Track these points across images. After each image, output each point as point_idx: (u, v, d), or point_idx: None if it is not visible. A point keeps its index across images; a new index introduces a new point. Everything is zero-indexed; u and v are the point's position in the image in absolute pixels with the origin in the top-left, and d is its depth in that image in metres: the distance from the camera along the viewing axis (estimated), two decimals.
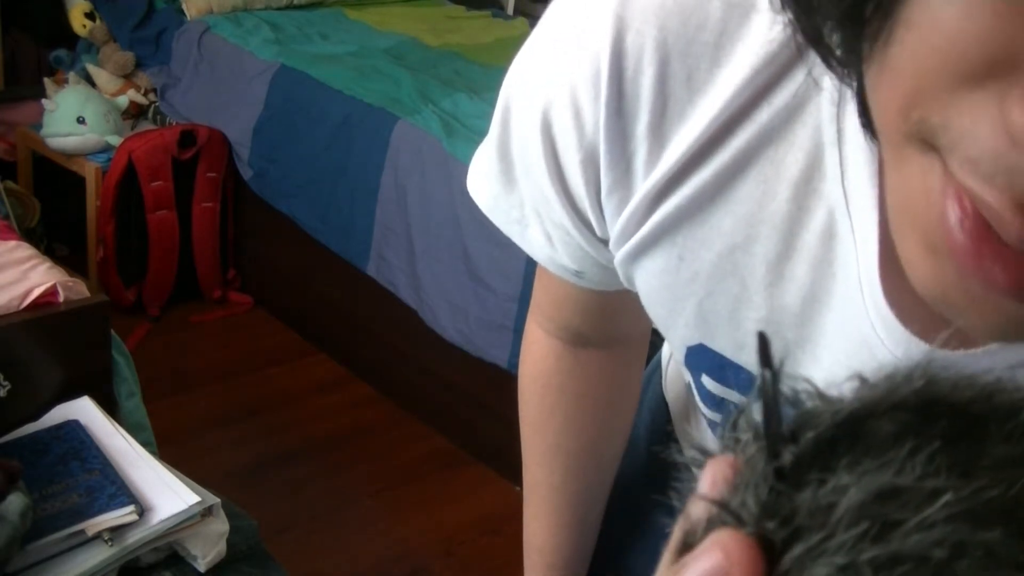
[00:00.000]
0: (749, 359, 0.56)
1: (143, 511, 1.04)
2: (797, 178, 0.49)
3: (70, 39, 3.07)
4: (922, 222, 0.33)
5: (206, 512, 1.07)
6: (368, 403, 2.56)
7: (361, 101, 2.52)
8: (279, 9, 3.13)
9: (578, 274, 0.65)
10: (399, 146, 2.40)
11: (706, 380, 0.60)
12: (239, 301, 2.92)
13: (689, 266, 0.54)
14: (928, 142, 0.32)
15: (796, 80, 0.47)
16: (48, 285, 1.33)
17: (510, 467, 2.34)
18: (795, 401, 0.27)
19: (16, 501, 0.97)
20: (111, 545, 1.01)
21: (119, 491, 1.06)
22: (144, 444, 1.20)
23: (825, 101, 0.47)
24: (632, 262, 0.56)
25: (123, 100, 2.88)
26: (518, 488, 0.90)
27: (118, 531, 1.02)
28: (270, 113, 2.70)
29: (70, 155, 2.71)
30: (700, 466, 0.28)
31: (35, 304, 1.31)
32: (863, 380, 0.27)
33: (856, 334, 0.49)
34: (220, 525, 1.08)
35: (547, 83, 0.54)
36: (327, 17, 3.16)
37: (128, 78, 3.01)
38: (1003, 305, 0.33)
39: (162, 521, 1.04)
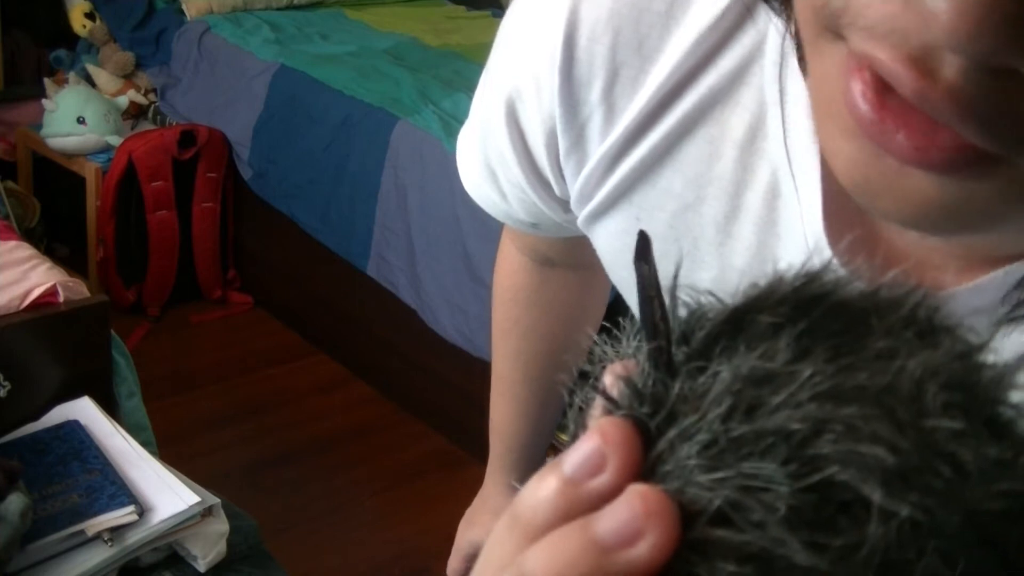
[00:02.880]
0: None
1: (143, 511, 1.04)
2: (741, 138, 0.50)
3: (70, 39, 3.07)
4: (836, 108, 0.34)
5: (206, 512, 1.07)
6: (368, 403, 2.56)
7: (361, 101, 2.52)
8: (279, 9, 3.13)
9: (534, 226, 0.69)
10: (399, 146, 2.40)
11: None
12: (239, 301, 2.92)
13: (646, 225, 0.55)
14: (835, 31, 0.34)
15: (742, 44, 0.49)
16: (48, 285, 1.33)
17: None
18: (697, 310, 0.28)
19: (16, 501, 0.97)
20: (111, 545, 1.01)
21: (119, 491, 1.06)
22: (144, 444, 1.20)
23: (768, 63, 0.49)
24: (593, 223, 0.58)
25: (123, 100, 2.88)
26: (518, 488, 0.93)
27: (118, 531, 1.02)
28: (270, 113, 2.71)
29: (70, 155, 2.71)
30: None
31: (35, 304, 1.31)
32: (753, 284, 0.27)
33: None
34: (220, 525, 1.08)
35: (513, 54, 0.58)
36: (327, 17, 3.16)
37: (128, 78, 3.01)
38: (919, 184, 0.33)
39: (162, 521, 1.04)
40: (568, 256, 0.79)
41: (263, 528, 1.16)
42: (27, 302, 1.30)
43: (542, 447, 0.95)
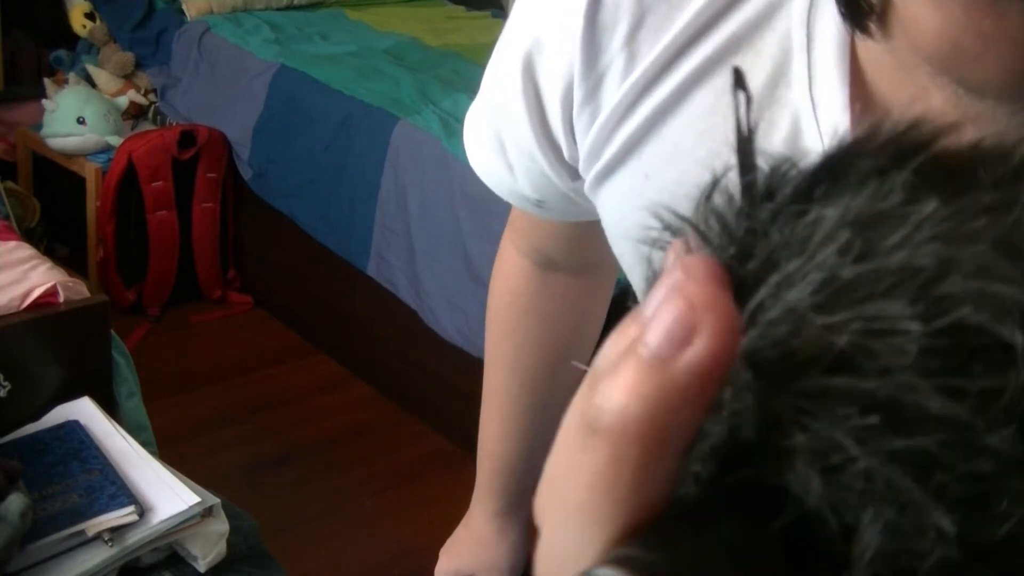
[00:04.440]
0: None
1: (143, 511, 1.04)
2: (762, 87, 0.49)
3: (70, 39, 3.07)
4: None
5: (206, 512, 1.07)
6: (368, 403, 2.56)
7: (361, 101, 2.52)
8: (279, 9, 3.13)
9: (539, 204, 0.66)
10: (399, 146, 2.40)
11: None
12: (239, 301, 2.92)
13: (654, 184, 0.53)
14: None
15: None
16: (48, 285, 1.33)
17: None
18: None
19: (16, 501, 0.97)
20: (111, 545, 1.01)
21: (119, 491, 1.06)
22: (144, 444, 1.20)
23: (796, 7, 0.47)
24: (601, 185, 0.57)
25: (123, 100, 2.88)
26: (504, 517, 0.93)
27: (118, 531, 1.02)
28: (270, 113, 2.71)
29: (70, 155, 2.71)
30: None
31: (35, 304, 1.31)
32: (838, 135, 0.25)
33: None
34: (220, 525, 1.08)
35: (536, 5, 0.57)
36: (327, 17, 3.16)
37: (128, 78, 3.01)
38: (1018, 38, 0.34)
39: (162, 521, 1.04)
40: (571, 256, 0.77)
41: (263, 528, 1.16)
42: (27, 302, 1.30)
43: (534, 475, 0.87)
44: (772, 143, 0.49)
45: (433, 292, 2.31)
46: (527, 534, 0.93)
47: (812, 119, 0.47)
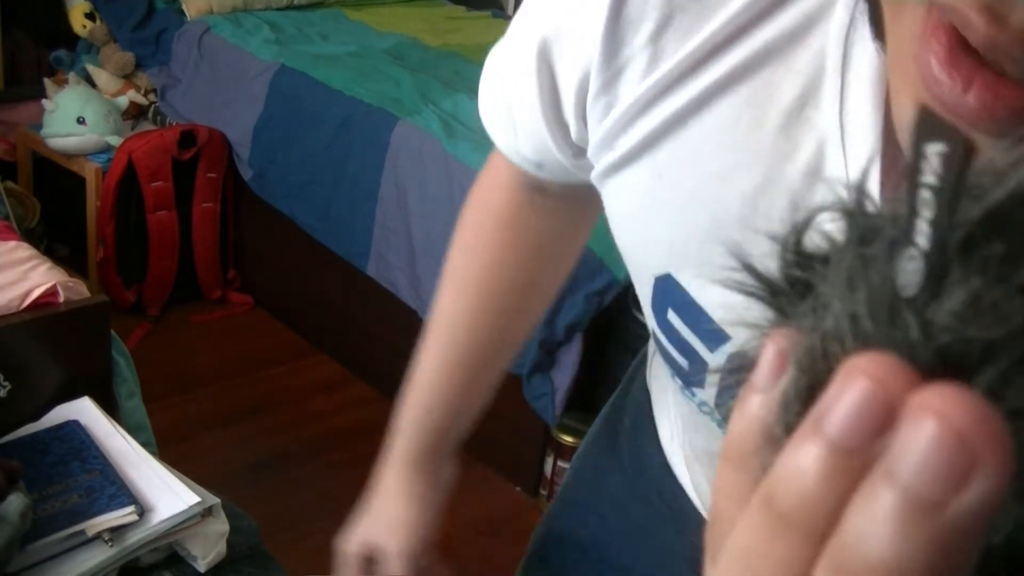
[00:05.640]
0: (713, 300, 0.54)
1: (143, 511, 1.04)
2: (789, 105, 0.47)
3: (70, 39, 3.07)
4: (909, 72, 0.34)
5: (206, 512, 1.07)
6: (368, 403, 2.56)
7: (361, 101, 2.52)
8: (279, 9, 3.13)
9: (539, 166, 0.65)
10: (399, 146, 2.40)
11: (673, 318, 0.57)
12: (239, 301, 2.92)
13: (666, 186, 0.52)
14: None
15: (807, 1, 0.46)
16: (48, 285, 1.32)
17: (510, 468, 2.34)
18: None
19: (16, 501, 0.96)
20: (111, 545, 1.01)
21: (119, 491, 1.06)
22: (144, 444, 1.20)
23: (834, 25, 0.45)
24: (611, 176, 0.55)
25: (123, 100, 2.88)
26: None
27: (118, 531, 1.02)
28: (270, 113, 2.70)
29: (70, 155, 2.71)
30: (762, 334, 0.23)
31: (35, 304, 1.31)
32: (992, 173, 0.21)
33: None
34: (220, 525, 1.08)
35: None
36: (327, 17, 3.16)
37: (128, 78, 3.01)
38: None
39: (162, 521, 1.04)
40: (563, 188, 0.71)
41: (263, 528, 1.16)
42: (27, 302, 1.30)
43: (466, 416, 0.83)
44: (795, 165, 0.47)
45: (433, 292, 2.30)
46: (441, 488, 0.85)
47: (839, 145, 0.46)
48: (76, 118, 2.67)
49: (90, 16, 3.01)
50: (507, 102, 0.63)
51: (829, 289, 0.22)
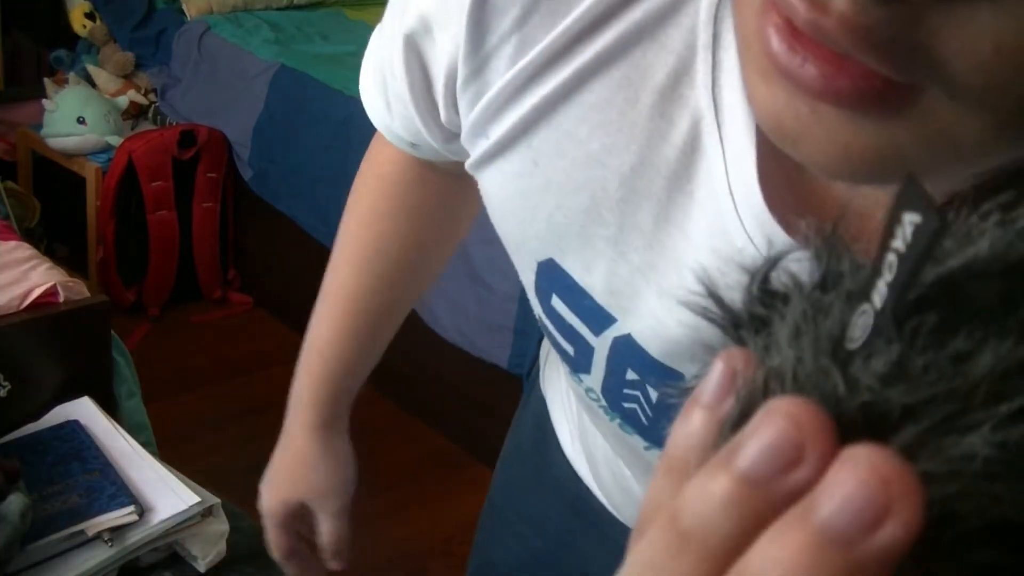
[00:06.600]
0: (595, 283, 0.53)
1: (143, 511, 1.04)
2: (663, 84, 0.46)
3: (70, 39, 3.07)
4: (753, 49, 0.33)
5: (206, 512, 1.07)
6: (368, 403, 2.55)
7: (361, 101, 2.52)
8: (279, 9, 3.13)
9: (413, 146, 0.66)
10: None
11: (557, 303, 0.57)
12: (239, 301, 2.92)
13: (543, 172, 0.51)
14: None
15: None
16: (48, 285, 1.33)
17: None
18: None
19: (16, 501, 0.97)
20: (111, 545, 1.01)
21: (119, 491, 1.06)
22: (144, 444, 1.20)
23: (704, 2, 0.45)
24: (486, 165, 0.54)
25: (123, 100, 2.88)
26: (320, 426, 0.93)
27: (118, 531, 1.02)
28: (270, 113, 2.70)
29: (70, 155, 2.71)
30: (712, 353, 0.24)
31: (35, 304, 1.31)
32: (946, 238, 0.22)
33: (716, 258, 0.46)
34: (220, 525, 1.08)
35: None
36: (327, 17, 3.16)
37: (128, 78, 3.01)
38: (833, 126, 0.32)
39: (162, 521, 1.04)
40: (451, 163, 0.71)
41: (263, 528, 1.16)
42: (27, 302, 1.30)
43: (361, 377, 0.89)
44: (671, 143, 0.46)
45: (433, 292, 2.31)
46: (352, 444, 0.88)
47: (713, 123, 0.45)
48: (76, 118, 2.67)
49: (90, 16, 3.01)
50: (382, 84, 0.63)
51: (781, 329, 0.23)
